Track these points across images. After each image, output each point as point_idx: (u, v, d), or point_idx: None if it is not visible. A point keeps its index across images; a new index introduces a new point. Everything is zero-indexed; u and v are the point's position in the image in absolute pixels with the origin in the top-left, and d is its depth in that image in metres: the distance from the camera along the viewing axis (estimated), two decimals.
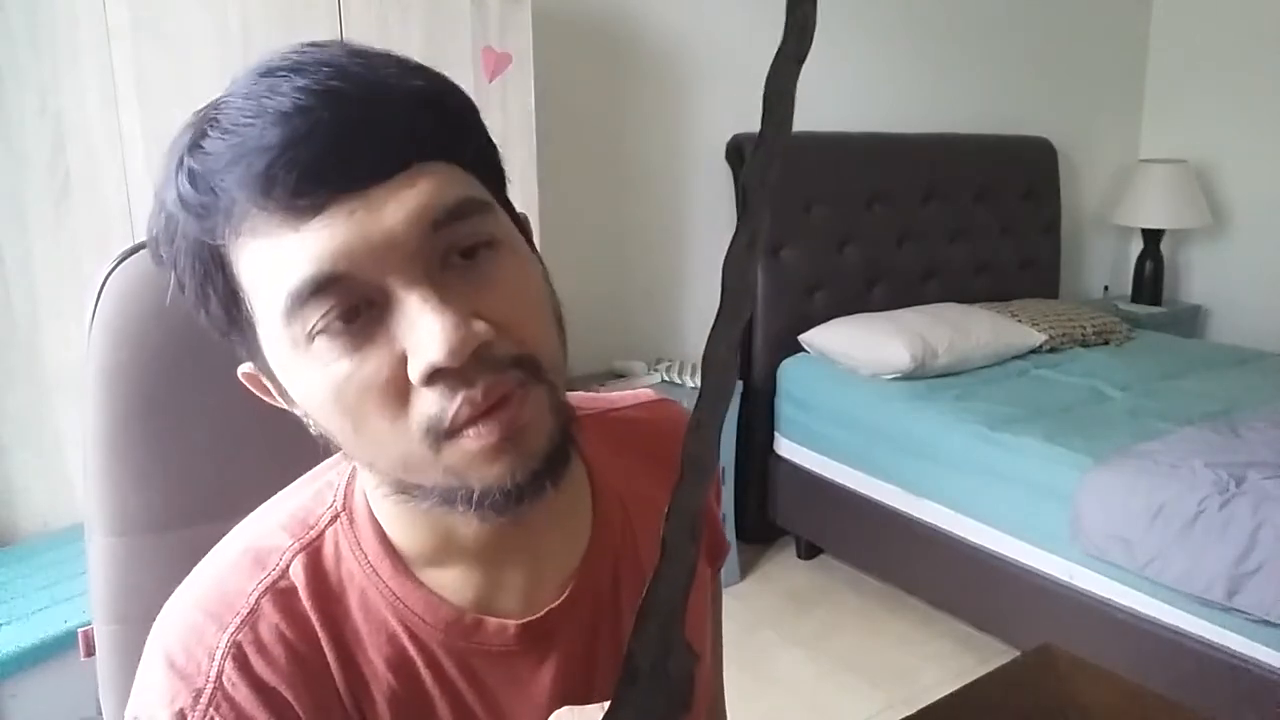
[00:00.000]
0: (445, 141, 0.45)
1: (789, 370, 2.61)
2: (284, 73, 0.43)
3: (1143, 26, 3.71)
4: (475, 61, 1.83)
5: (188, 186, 0.44)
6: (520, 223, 0.52)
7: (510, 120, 1.89)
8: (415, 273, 0.43)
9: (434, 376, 0.43)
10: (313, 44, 0.45)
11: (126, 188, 1.55)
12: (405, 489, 0.48)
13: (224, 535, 0.56)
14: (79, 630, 0.77)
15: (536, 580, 0.55)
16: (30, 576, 1.46)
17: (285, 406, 0.51)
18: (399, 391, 0.44)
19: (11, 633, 1.31)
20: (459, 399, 0.43)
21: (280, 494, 0.58)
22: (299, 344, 0.44)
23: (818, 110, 2.82)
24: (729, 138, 2.61)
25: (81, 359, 0.71)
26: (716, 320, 0.40)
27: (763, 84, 0.42)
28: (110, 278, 0.70)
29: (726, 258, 0.39)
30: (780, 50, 0.39)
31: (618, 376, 2.42)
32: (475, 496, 0.46)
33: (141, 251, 0.72)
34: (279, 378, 0.48)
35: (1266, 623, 1.60)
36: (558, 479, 0.47)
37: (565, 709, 0.51)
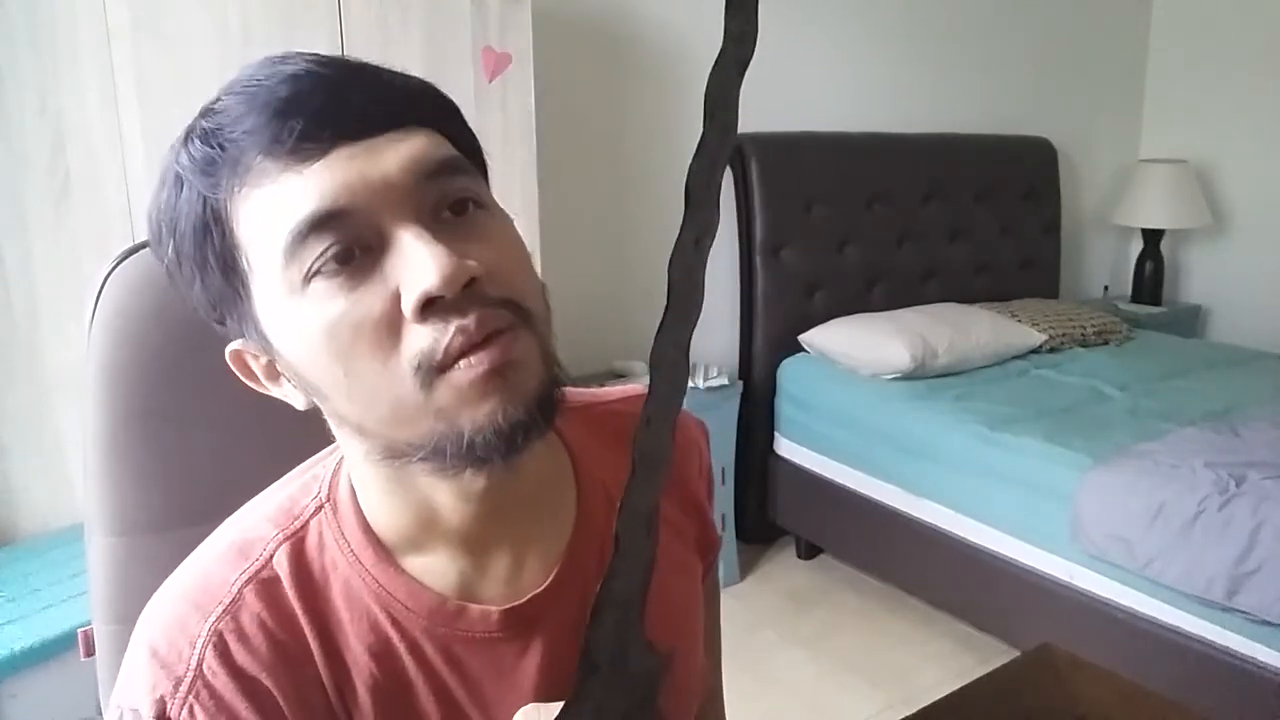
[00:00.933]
0: (437, 117, 0.50)
1: (789, 370, 2.61)
2: (297, 55, 0.48)
3: (1143, 26, 3.71)
4: (475, 61, 1.83)
5: (198, 144, 0.47)
6: (505, 213, 0.55)
7: (510, 120, 1.89)
8: (409, 214, 0.45)
9: (427, 308, 0.44)
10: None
11: (126, 188, 1.55)
12: (395, 451, 0.48)
13: None
14: (79, 630, 0.77)
15: (520, 567, 0.56)
16: (30, 576, 1.46)
17: (267, 389, 0.52)
18: (391, 328, 0.45)
19: (11, 633, 1.31)
20: (452, 328, 0.44)
21: (269, 489, 0.58)
22: (295, 289, 0.45)
23: (818, 110, 2.83)
24: None
25: (81, 359, 0.71)
26: (664, 319, 0.41)
27: (763, 84, 0.42)
28: (110, 278, 0.70)
29: (672, 257, 0.40)
30: (720, 56, 0.40)
31: (618, 376, 2.41)
32: (466, 441, 0.46)
33: (142, 251, 0.72)
34: (270, 337, 0.48)
35: (1266, 623, 1.60)
36: (546, 424, 0.48)
37: (529, 706, 0.51)
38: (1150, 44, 3.72)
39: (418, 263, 0.44)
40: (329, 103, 0.45)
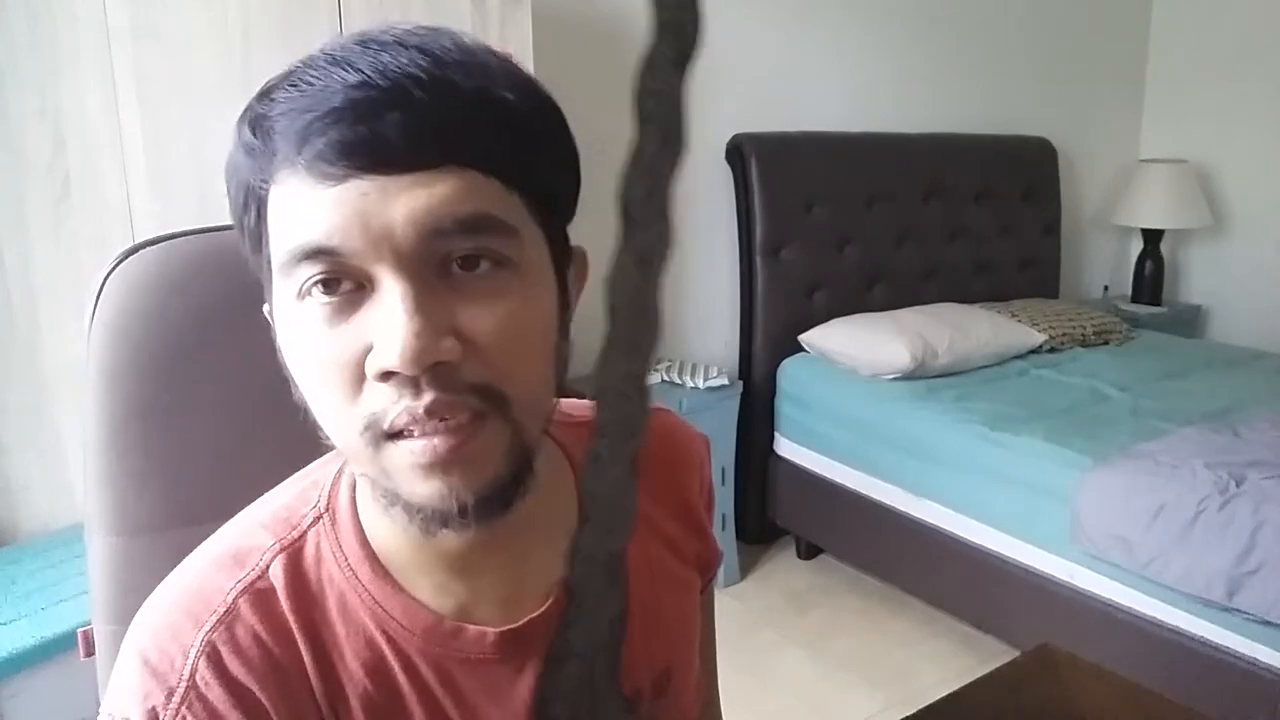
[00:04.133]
0: (494, 155, 0.44)
1: (789, 370, 2.61)
2: (376, 46, 0.44)
3: (1143, 26, 3.71)
4: None
5: (247, 129, 0.46)
6: (570, 256, 0.52)
7: None
8: (403, 270, 0.43)
9: (386, 376, 0.43)
10: (430, 28, 0.46)
11: (126, 188, 1.55)
12: (361, 473, 0.49)
13: None
14: (79, 630, 0.77)
15: (518, 589, 0.55)
16: (30, 576, 1.46)
17: (281, 358, 0.51)
18: (355, 379, 0.44)
19: (11, 633, 1.31)
20: (400, 405, 0.43)
21: (267, 494, 0.57)
22: (292, 299, 0.45)
23: (818, 110, 2.82)
24: (729, 138, 2.61)
25: (81, 359, 0.71)
26: (605, 347, 0.37)
27: (762, 85, 0.38)
28: (110, 278, 0.70)
29: (610, 277, 0.35)
30: (650, 52, 0.35)
31: None
32: (402, 504, 0.46)
33: (142, 251, 0.72)
34: (277, 326, 0.49)
35: (1266, 623, 1.60)
36: (486, 518, 0.46)
37: None
38: (1150, 44, 3.72)
39: (388, 330, 0.42)
40: (360, 128, 0.42)
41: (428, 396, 0.43)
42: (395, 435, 0.44)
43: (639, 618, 0.59)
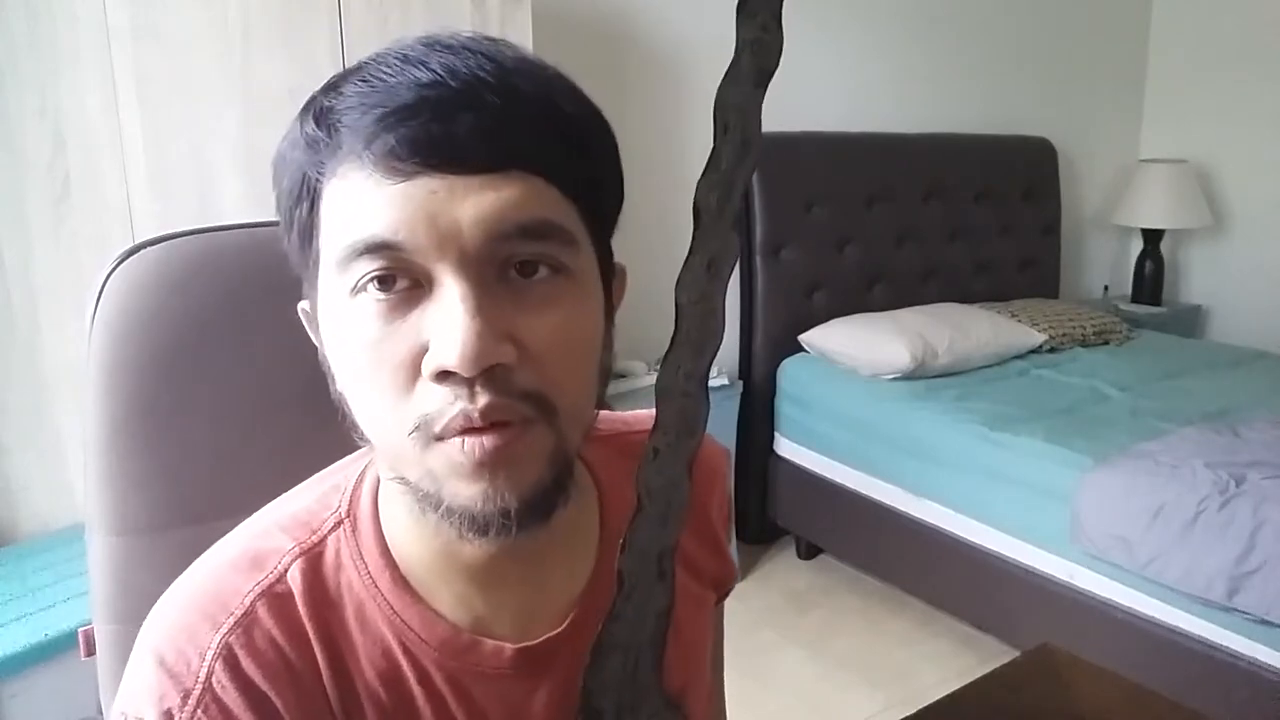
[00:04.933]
0: (557, 163, 0.45)
1: (789, 370, 2.61)
2: (444, 48, 0.45)
3: (1143, 26, 3.71)
4: None
5: (311, 121, 0.46)
6: (615, 273, 0.52)
7: None
8: (466, 271, 0.43)
9: (442, 376, 0.43)
10: (489, 38, 0.47)
11: (126, 188, 1.55)
12: (397, 476, 0.48)
13: (224, 535, 0.56)
14: (79, 630, 0.76)
15: (538, 604, 0.54)
16: (30, 576, 1.46)
17: (322, 354, 0.51)
18: (409, 378, 0.44)
19: (11, 633, 1.31)
20: (457, 407, 0.43)
21: (286, 494, 0.57)
22: (344, 295, 0.45)
23: (817, 110, 2.82)
24: None
25: (81, 359, 0.71)
26: (671, 345, 0.38)
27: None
28: (110, 278, 0.70)
29: (681, 279, 0.37)
30: (733, 67, 0.35)
31: (618, 377, 2.41)
32: (444, 509, 0.45)
33: (142, 251, 0.72)
34: (321, 324, 0.48)
35: (1266, 623, 1.60)
36: (530, 525, 0.46)
37: None
38: (1150, 44, 3.72)
39: (448, 330, 0.42)
40: (432, 125, 0.42)
41: (483, 399, 0.43)
42: (442, 438, 0.44)
43: None
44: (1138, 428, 2.08)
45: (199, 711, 0.47)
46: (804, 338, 2.60)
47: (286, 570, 0.51)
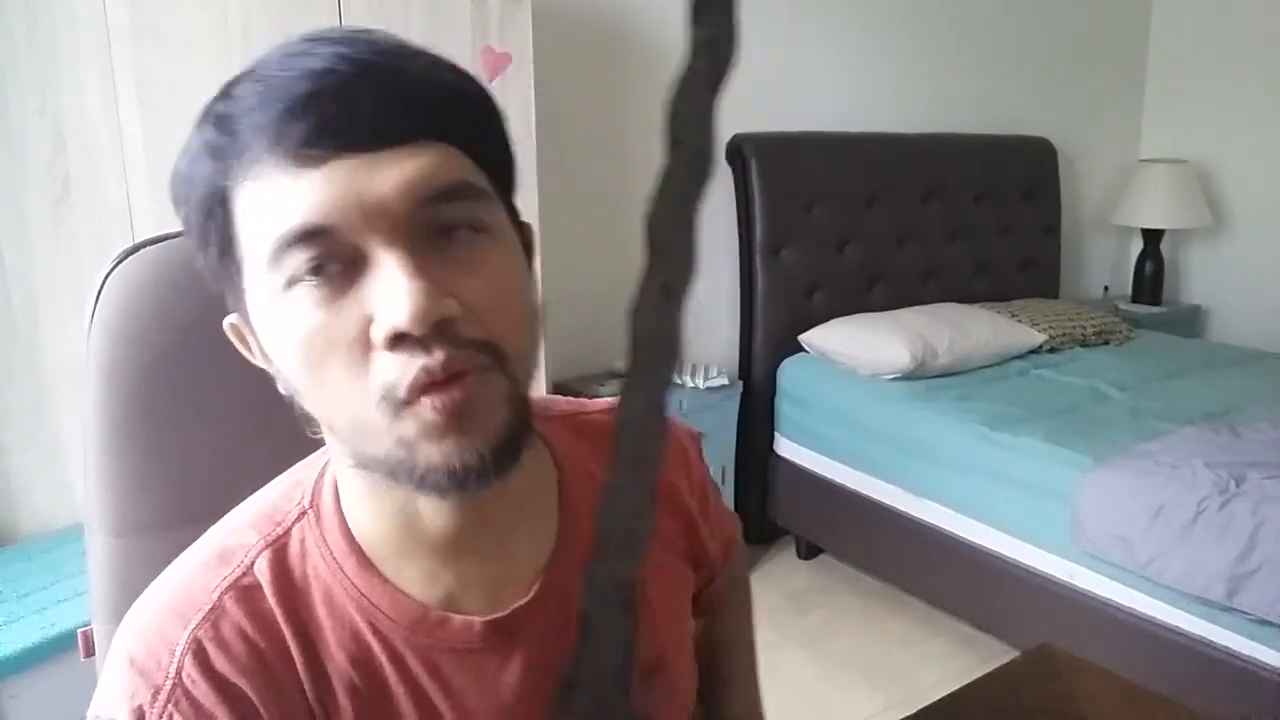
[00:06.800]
0: (458, 129, 0.47)
1: (789, 370, 2.61)
2: (329, 40, 0.46)
3: (1143, 26, 3.71)
4: (475, 61, 1.83)
5: (211, 128, 0.47)
6: (523, 230, 0.53)
7: (510, 120, 1.89)
8: (397, 239, 0.44)
9: (395, 341, 0.43)
10: (366, 29, 0.49)
11: (126, 188, 1.55)
12: (361, 460, 0.49)
13: None
14: (79, 630, 0.77)
15: (504, 578, 0.55)
16: (30, 576, 1.46)
17: (261, 363, 0.52)
18: (363, 350, 0.45)
19: (11, 633, 1.31)
20: (417, 365, 0.44)
21: (255, 494, 0.58)
22: (278, 291, 0.45)
23: (817, 110, 2.82)
24: (729, 138, 2.61)
25: (81, 359, 0.71)
26: (629, 374, 0.37)
27: (762, 84, 0.37)
28: (110, 278, 0.70)
29: (636, 305, 0.36)
30: (686, 70, 0.33)
31: (618, 377, 2.41)
32: (419, 473, 0.46)
33: (142, 251, 0.72)
34: (256, 328, 0.49)
35: (1266, 623, 1.60)
36: (504, 470, 0.47)
37: None
38: (1150, 44, 3.72)
39: (393, 295, 0.43)
40: (338, 109, 0.43)
41: (439, 354, 0.44)
42: (409, 401, 0.45)
43: None
44: (1138, 428, 2.08)
45: (170, 707, 0.48)
46: (804, 338, 2.60)
47: (253, 563, 0.52)
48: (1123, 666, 0.96)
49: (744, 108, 2.63)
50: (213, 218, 0.47)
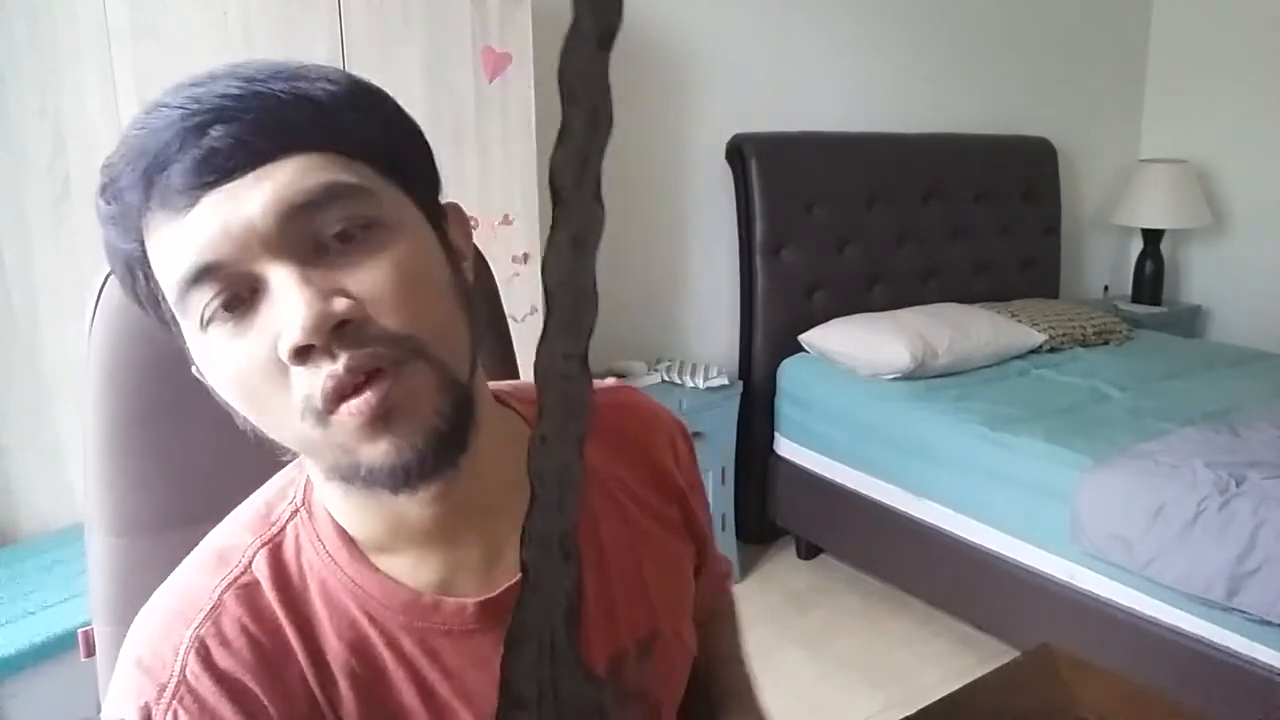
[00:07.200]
0: (322, 135, 0.47)
1: (789, 370, 2.61)
2: (190, 85, 0.47)
3: (1143, 26, 3.71)
4: (475, 61, 1.83)
5: (102, 200, 0.49)
6: (442, 212, 0.53)
7: (510, 120, 1.89)
8: (281, 255, 0.45)
9: (300, 355, 0.44)
10: (240, 63, 0.49)
11: None
12: (324, 471, 0.50)
13: None
14: (79, 630, 0.77)
15: (496, 558, 0.56)
16: (30, 576, 1.46)
17: (223, 403, 0.52)
18: (280, 372, 0.45)
19: (11, 633, 1.31)
20: (322, 374, 0.44)
21: (250, 497, 0.59)
22: (197, 334, 0.47)
23: (818, 110, 2.82)
24: (729, 138, 2.61)
25: (81, 359, 0.71)
26: (545, 329, 0.37)
27: (763, 85, 0.37)
28: (109, 278, 0.70)
29: (545, 260, 0.37)
30: (571, 30, 0.34)
31: (618, 376, 2.41)
32: (364, 472, 0.47)
33: None
34: (199, 368, 0.50)
35: (1266, 623, 1.60)
36: (449, 460, 0.48)
37: None
38: (1150, 44, 3.72)
39: (284, 311, 0.44)
40: (194, 149, 0.44)
41: (343, 358, 0.44)
42: (332, 409, 0.45)
43: (620, 583, 0.61)
44: (1138, 428, 2.08)
45: (174, 703, 0.49)
46: (804, 338, 2.60)
47: (251, 562, 0.54)
48: (1123, 666, 0.96)
49: (744, 108, 2.63)
50: (135, 279, 0.49)
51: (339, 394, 0.45)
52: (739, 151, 2.59)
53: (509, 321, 0.93)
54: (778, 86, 2.73)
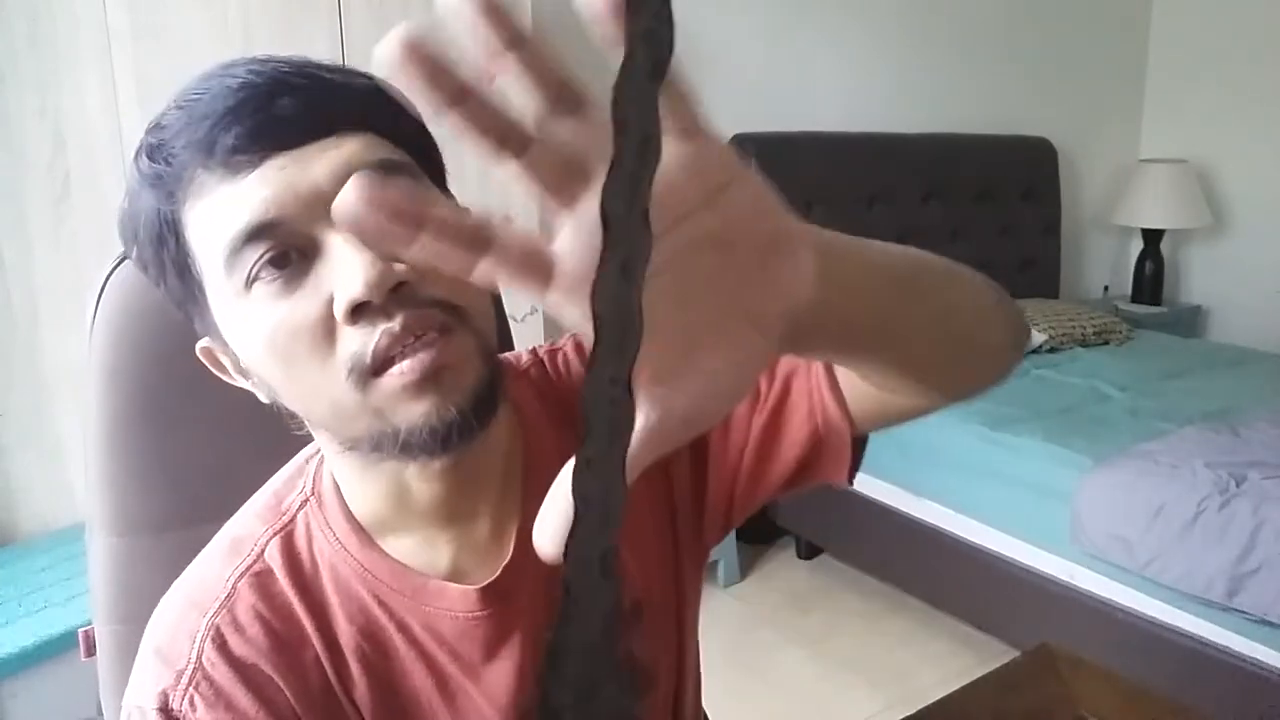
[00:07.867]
0: (379, 121, 0.49)
1: None
2: (240, 64, 0.49)
3: (1143, 26, 3.71)
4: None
5: (146, 160, 0.49)
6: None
7: None
8: None
9: (356, 313, 0.45)
10: (273, 55, 0.51)
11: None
12: (345, 443, 0.51)
13: None
14: (79, 630, 0.77)
15: (499, 539, 0.58)
16: (30, 576, 1.46)
17: (239, 382, 0.53)
18: (327, 332, 0.46)
19: (11, 633, 1.31)
20: (378, 331, 0.45)
21: (261, 488, 0.60)
22: (238, 293, 0.47)
23: (817, 110, 2.82)
24: (729, 138, 2.61)
25: (82, 359, 0.71)
26: (594, 353, 0.39)
27: (762, 85, 0.38)
28: (110, 278, 0.70)
29: (595, 286, 0.38)
30: (626, 62, 0.35)
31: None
32: (401, 439, 0.48)
33: None
34: (227, 339, 0.50)
35: (1266, 623, 1.60)
36: (485, 422, 0.49)
37: None
38: (1150, 44, 3.72)
39: (345, 269, 0.45)
40: (260, 114, 0.46)
41: (400, 316, 0.46)
42: (379, 371, 0.46)
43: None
44: (1138, 428, 2.08)
45: (192, 689, 0.50)
46: None
47: (264, 550, 0.55)
48: (1123, 666, 0.96)
49: (744, 108, 2.63)
50: (165, 244, 0.49)
51: (391, 352, 0.46)
52: (739, 151, 2.58)
53: (509, 321, 0.93)
54: (778, 86, 2.73)
